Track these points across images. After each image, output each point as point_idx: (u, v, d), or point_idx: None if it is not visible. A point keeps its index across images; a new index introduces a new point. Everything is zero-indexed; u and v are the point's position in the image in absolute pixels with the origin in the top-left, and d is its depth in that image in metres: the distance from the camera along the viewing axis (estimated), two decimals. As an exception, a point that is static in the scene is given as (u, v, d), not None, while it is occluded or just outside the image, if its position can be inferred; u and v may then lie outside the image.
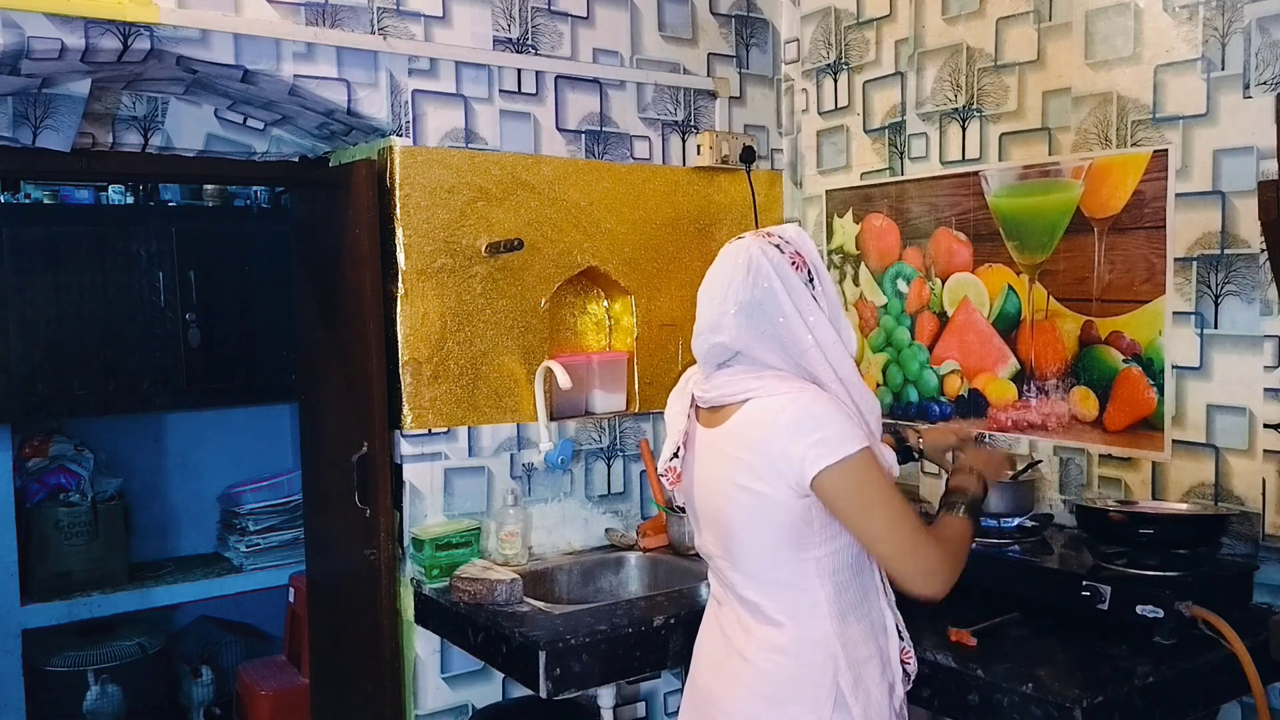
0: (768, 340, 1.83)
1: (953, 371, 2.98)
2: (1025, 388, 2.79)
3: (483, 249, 2.90)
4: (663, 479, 2.00)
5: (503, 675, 2.84)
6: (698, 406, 1.97)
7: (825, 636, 1.83)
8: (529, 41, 2.97)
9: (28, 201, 4.01)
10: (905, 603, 2.39)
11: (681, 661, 2.45)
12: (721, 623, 2.00)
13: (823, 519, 1.81)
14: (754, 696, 1.88)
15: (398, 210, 2.79)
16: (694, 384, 1.98)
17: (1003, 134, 2.82)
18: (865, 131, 3.20)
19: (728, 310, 1.84)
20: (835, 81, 3.29)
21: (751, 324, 1.83)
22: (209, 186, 4.31)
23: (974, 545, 2.42)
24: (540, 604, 2.59)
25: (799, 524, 1.81)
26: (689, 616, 2.44)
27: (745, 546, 1.88)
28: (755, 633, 1.90)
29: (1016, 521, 2.51)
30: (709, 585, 2.08)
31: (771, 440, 1.78)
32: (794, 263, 1.85)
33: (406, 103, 2.79)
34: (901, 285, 3.11)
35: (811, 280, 1.86)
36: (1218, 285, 2.38)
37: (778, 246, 1.86)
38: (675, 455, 1.98)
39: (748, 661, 1.90)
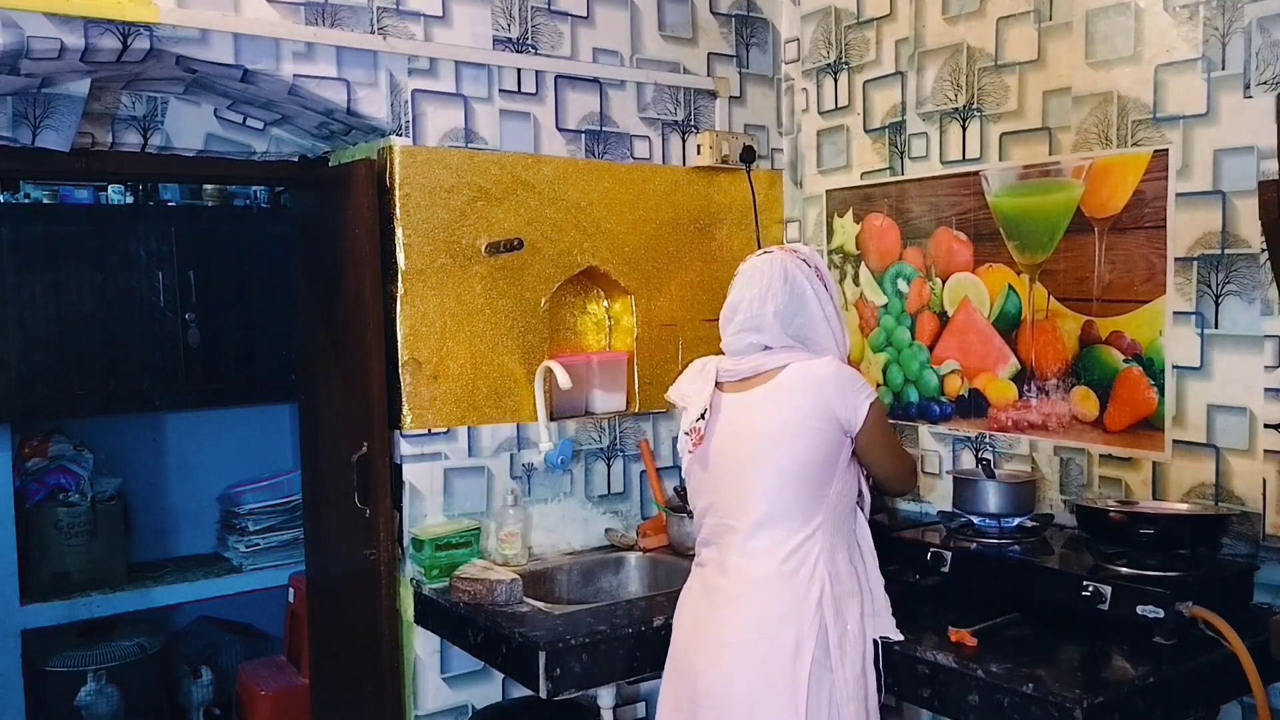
0: (793, 336, 2.23)
1: (953, 371, 2.97)
2: (1025, 388, 2.79)
3: (483, 249, 2.90)
4: (686, 438, 2.27)
5: (503, 675, 2.83)
6: (719, 383, 2.28)
7: (815, 563, 2.12)
8: (529, 41, 2.97)
9: (27, 201, 4.00)
10: (905, 603, 2.40)
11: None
12: (705, 581, 2.25)
13: (844, 459, 2.19)
14: (741, 624, 2.13)
15: (397, 210, 2.79)
16: (717, 365, 2.30)
17: (1003, 134, 2.81)
18: (865, 131, 3.20)
19: (766, 313, 2.22)
20: (835, 81, 3.29)
21: (783, 323, 2.22)
22: (208, 186, 4.31)
23: (973, 545, 2.46)
24: (540, 604, 2.58)
25: (831, 457, 2.16)
26: (689, 617, 2.44)
27: (770, 477, 2.16)
28: (745, 572, 2.16)
29: (1017, 521, 2.51)
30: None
31: (825, 388, 2.16)
32: (819, 273, 2.28)
33: (406, 102, 2.79)
34: (902, 285, 3.11)
35: (826, 288, 2.28)
36: (1218, 285, 2.38)
37: (805, 260, 2.27)
38: (701, 417, 2.24)
39: (733, 599, 2.16)
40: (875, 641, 2.16)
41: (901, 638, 2.18)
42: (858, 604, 2.14)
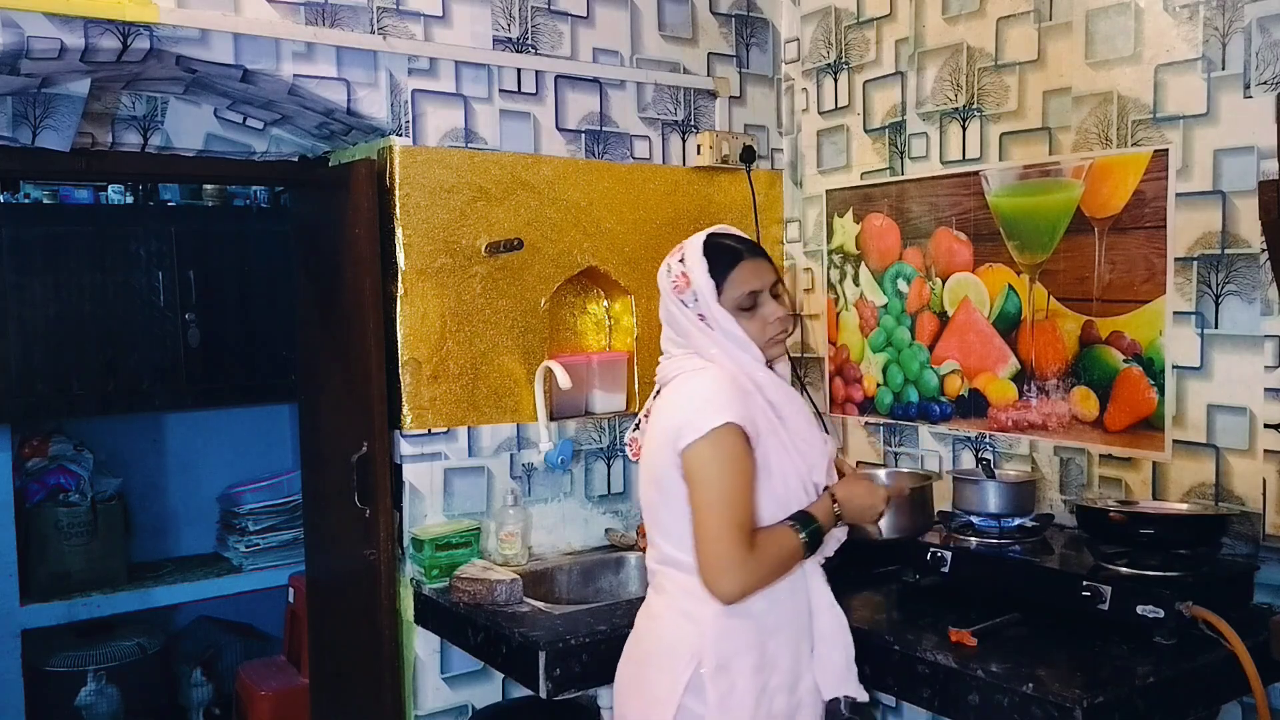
0: (685, 345, 2.01)
1: (953, 371, 2.97)
2: (1025, 388, 2.79)
3: (483, 249, 2.90)
4: (627, 449, 2.16)
5: (503, 675, 2.83)
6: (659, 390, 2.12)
7: (699, 615, 1.90)
8: (529, 41, 2.97)
9: (27, 201, 4.00)
10: (905, 603, 2.39)
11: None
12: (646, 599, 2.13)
13: None
14: (628, 658, 2.06)
15: (397, 210, 2.79)
16: None
17: (1003, 134, 2.81)
18: (865, 131, 3.20)
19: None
20: (835, 81, 3.29)
21: (671, 334, 2.04)
22: (208, 186, 4.31)
23: (973, 545, 2.45)
24: (540, 604, 2.58)
25: (687, 501, 1.90)
26: (689, 617, 2.44)
27: (655, 512, 2.00)
28: (651, 600, 2.04)
29: (1017, 522, 2.50)
30: None
31: (675, 413, 1.91)
32: (676, 285, 1.99)
33: (406, 102, 2.79)
34: (902, 285, 3.11)
35: (697, 298, 1.96)
36: (1218, 285, 2.38)
37: (668, 268, 2.01)
38: (636, 427, 2.11)
39: (636, 629, 2.06)
40: (841, 700, 2.02)
41: (866, 698, 2.05)
42: (751, 661, 1.91)
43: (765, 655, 1.93)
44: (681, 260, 1.98)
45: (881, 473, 2.68)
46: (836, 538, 2.03)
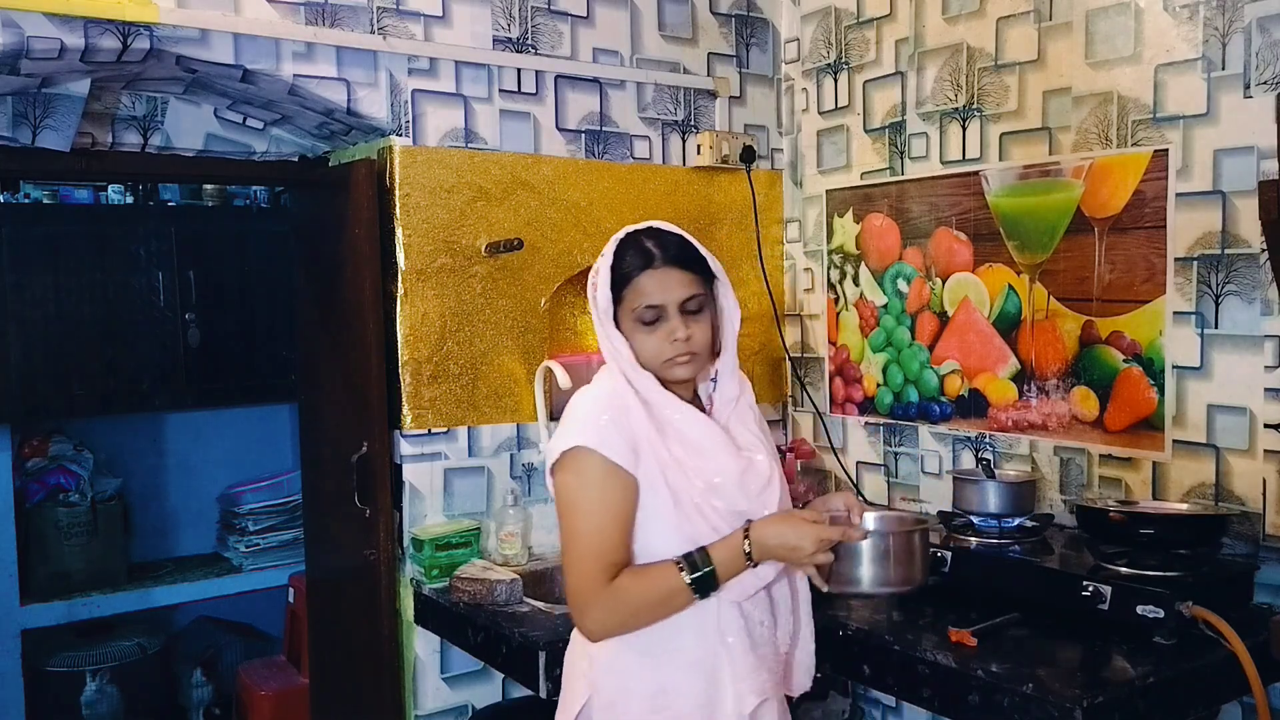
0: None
1: (953, 371, 2.97)
2: (1025, 388, 2.79)
3: (483, 249, 2.90)
4: None
5: (503, 675, 2.84)
6: None
7: (593, 649, 1.78)
8: (529, 41, 2.97)
9: (27, 201, 4.00)
10: (905, 603, 2.39)
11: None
12: None
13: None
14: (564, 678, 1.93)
15: (397, 210, 2.79)
16: None
17: (1003, 134, 2.81)
18: (865, 131, 3.20)
19: None
20: (835, 81, 3.29)
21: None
22: (208, 186, 4.31)
23: (973, 545, 2.45)
24: (540, 604, 2.58)
25: None
26: (689, 617, 2.43)
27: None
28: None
29: (1017, 521, 2.50)
30: None
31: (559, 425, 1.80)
32: (592, 283, 1.81)
33: (406, 102, 2.79)
34: (902, 285, 3.11)
35: (597, 294, 1.80)
36: (1218, 285, 2.38)
37: (594, 266, 1.82)
38: None
39: None
40: None
41: None
42: (646, 701, 1.74)
43: (666, 693, 1.74)
44: (594, 264, 1.83)
45: (870, 515, 2.42)
46: (759, 576, 1.74)
